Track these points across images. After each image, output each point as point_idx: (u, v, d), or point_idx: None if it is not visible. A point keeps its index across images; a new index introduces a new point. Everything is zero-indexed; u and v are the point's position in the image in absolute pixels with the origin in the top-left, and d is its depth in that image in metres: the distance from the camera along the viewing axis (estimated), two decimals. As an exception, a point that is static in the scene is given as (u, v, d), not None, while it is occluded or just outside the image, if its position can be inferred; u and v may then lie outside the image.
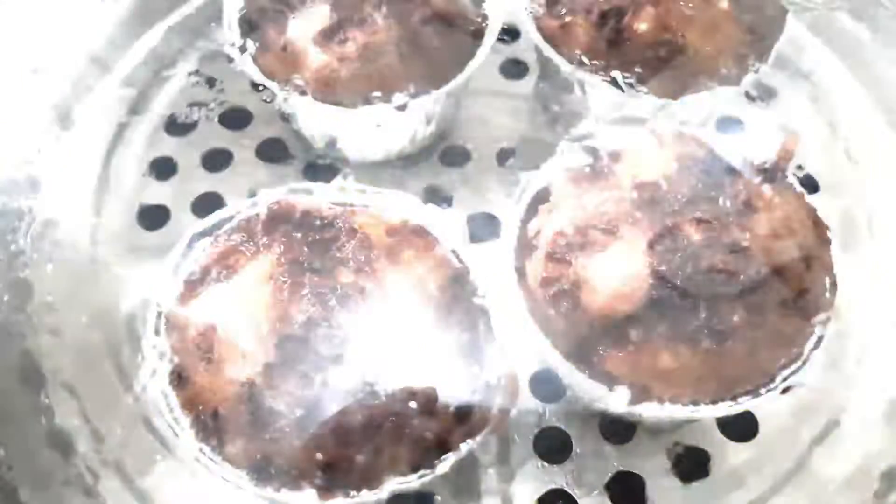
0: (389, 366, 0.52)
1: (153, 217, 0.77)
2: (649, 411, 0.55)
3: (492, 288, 0.57)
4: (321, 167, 0.79)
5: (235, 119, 0.83)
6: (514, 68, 0.87)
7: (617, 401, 0.54)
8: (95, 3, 0.82)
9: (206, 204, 0.77)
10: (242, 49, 0.71)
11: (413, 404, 0.51)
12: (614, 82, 0.68)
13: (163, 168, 0.80)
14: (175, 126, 0.83)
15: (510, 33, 0.84)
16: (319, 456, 0.51)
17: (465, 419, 0.53)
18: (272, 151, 0.81)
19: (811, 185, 0.77)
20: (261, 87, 0.71)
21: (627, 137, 0.62)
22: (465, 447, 0.52)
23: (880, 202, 0.77)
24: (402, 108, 0.69)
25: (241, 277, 0.55)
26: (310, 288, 0.53)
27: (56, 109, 0.79)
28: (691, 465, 0.64)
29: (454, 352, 0.55)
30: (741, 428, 0.65)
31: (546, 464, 0.64)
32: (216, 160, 0.81)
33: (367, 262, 0.55)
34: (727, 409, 0.55)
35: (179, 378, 0.54)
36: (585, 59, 0.69)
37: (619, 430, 0.65)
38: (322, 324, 0.52)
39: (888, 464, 0.63)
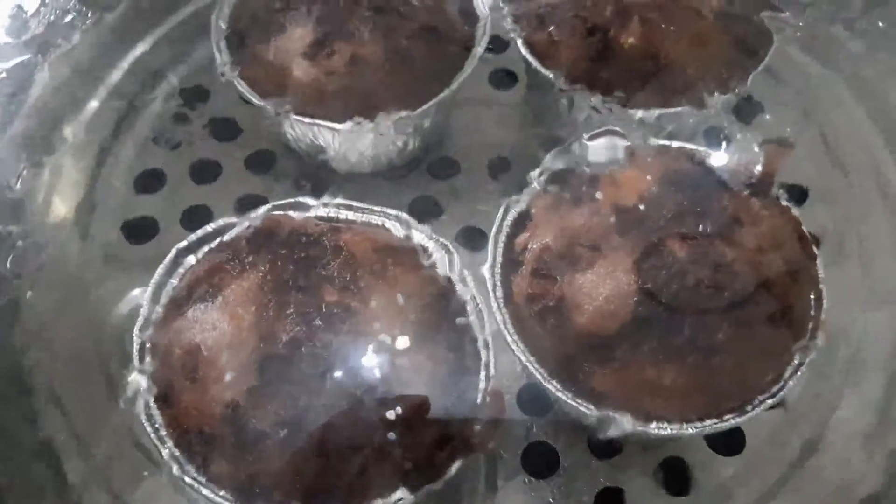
0: (374, 385, 0.51)
1: (142, 230, 0.76)
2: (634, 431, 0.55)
3: (478, 305, 0.57)
4: (310, 179, 0.79)
5: (224, 131, 0.83)
6: (503, 78, 0.86)
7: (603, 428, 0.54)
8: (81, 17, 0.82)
9: (195, 216, 0.76)
10: (232, 70, 0.71)
11: (398, 423, 0.51)
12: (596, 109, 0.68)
13: (151, 180, 0.80)
14: (163, 139, 0.83)
15: (498, 44, 0.84)
16: (304, 475, 0.50)
17: (450, 437, 0.53)
18: (261, 163, 0.81)
19: (801, 196, 0.77)
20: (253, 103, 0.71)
21: (613, 152, 0.62)
22: (451, 469, 0.52)
23: (870, 214, 0.77)
24: (386, 129, 0.69)
25: (225, 296, 0.54)
26: (295, 307, 0.53)
27: (45, 124, 0.79)
28: (678, 479, 0.64)
29: (440, 370, 0.54)
30: (728, 442, 0.65)
31: (533, 479, 0.64)
32: (205, 172, 0.80)
33: (353, 279, 0.55)
34: (714, 426, 0.54)
35: (165, 397, 0.54)
36: (564, 86, 0.69)
37: (606, 444, 0.65)
38: (306, 343, 0.52)
39: (870, 486, 0.63)
